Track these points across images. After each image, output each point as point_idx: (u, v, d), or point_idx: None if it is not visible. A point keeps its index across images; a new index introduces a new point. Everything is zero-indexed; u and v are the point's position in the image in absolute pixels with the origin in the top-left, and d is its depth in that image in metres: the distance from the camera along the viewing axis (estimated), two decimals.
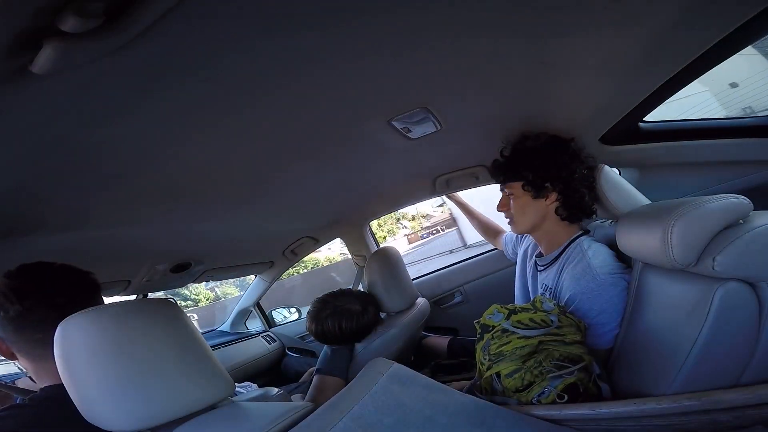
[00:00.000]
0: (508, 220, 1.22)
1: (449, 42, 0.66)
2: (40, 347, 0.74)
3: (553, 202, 1.11)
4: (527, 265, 1.32)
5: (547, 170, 1.09)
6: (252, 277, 2.41)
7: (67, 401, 0.62)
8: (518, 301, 1.40)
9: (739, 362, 0.70)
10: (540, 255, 1.22)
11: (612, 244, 1.05)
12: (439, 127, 1.01)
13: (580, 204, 1.10)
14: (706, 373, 0.71)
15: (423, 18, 0.59)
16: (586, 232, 1.14)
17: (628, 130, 1.28)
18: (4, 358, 0.81)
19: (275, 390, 0.97)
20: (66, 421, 0.66)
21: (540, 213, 1.13)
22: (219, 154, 0.87)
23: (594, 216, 1.15)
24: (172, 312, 0.67)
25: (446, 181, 1.56)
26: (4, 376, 1.62)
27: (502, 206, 1.21)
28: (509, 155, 1.16)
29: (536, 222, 1.15)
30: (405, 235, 19.50)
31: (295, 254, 2.12)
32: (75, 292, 0.78)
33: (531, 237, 1.30)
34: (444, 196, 1.79)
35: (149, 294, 1.74)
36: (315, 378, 1.31)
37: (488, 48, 0.70)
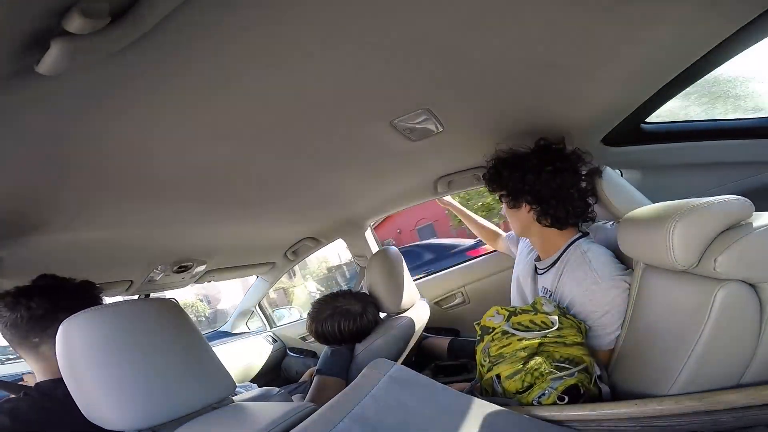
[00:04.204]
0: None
1: (452, 43, 0.66)
2: (27, 345, 0.80)
3: (530, 211, 1.12)
4: (525, 266, 1.32)
5: (513, 183, 1.11)
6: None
7: (59, 396, 0.63)
8: (514, 302, 1.40)
9: (740, 363, 0.70)
10: (538, 259, 1.22)
11: (612, 246, 1.05)
12: (440, 129, 1.02)
13: (555, 214, 1.08)
14: (708, 374, 0.71)
15: (424, 19, 0.59)
16: (585, 234, 1.14)
17: (630, 132, 1.28)
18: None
19: (276, 390, 0.97)
20: (60, 415, 0.68)
21: (523, 221, 1.16)
22: (221, 156, 0.87)
23: (589, 221, 1.15)
24: (173, 312, 0.67)
25: (448, 182, 1.56)
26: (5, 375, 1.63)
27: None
28: (491, 167, 1.19)
29: (523, 229, 1.18)
30: None
31: (296, 255, 2.13)
32: (58, 297, 0.83)
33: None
34: (440, 204, 1.80)
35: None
36: (315, 378, 1.31)
37: (490, 49, 0.71)
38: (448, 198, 1.77)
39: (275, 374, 2.35)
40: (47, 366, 0.79)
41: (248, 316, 2.58)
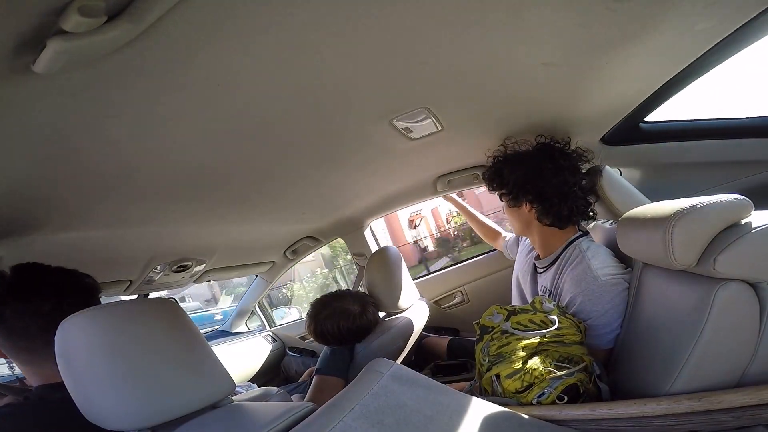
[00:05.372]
0: None
1: (451, 42, 0.66)
2: (25, 353, 0.75)
3: (530, 210, 1.11)
4: (525, 265, 1.32)
5: (514, 181, 1.11)
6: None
7: (59, 401, 0.62)
8: (514, 301, 1.40)
9: (739, 363, 0.70)
10: (538, 258, 1.22)
11: (611, 245, 1.05)
12: (440, 128, 1.01)
13: (557, 214, 1.08)
14: (707, 374, 0.71)
15: (424, 17, 0.59)
16: (585, 233, 1.14)
17: (629, 131, 1.28)
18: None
19: (275, 390, 0.97)
20: (60, 420, 0.67)
21: (523, 220, 1.16)
22: (220, 154, 0.87)
23: (590, 219, 1.15)
24: (172, 311, 0.67)
25: (447, 181, 1.56)
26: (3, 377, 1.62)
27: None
28: (491, 165, 1.19)
29: (523, 228, 1.19)
30: None
31: (296, 254, 2.12)
32: (63, 297, 0.76)
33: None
34: (443, 199, 1.80)
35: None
36: (315, 378, 1.31)
37: (489, 49, 0.71)
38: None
39: (274, 374, 2.35)
40: (35, 372, 0.76)
41: (247, 316, 2.58)
